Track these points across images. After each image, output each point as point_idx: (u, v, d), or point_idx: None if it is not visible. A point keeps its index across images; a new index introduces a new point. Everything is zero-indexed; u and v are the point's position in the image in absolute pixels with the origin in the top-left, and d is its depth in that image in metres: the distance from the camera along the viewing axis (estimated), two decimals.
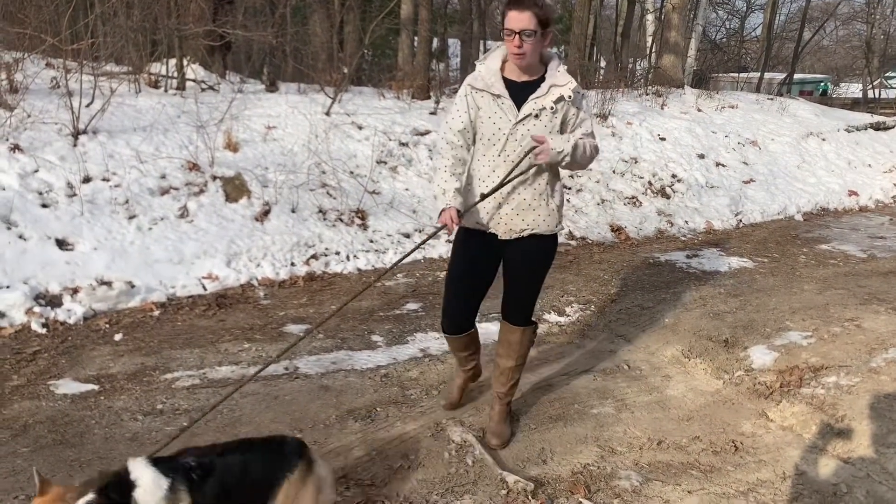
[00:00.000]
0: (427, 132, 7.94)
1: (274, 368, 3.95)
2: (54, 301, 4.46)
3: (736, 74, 20.86)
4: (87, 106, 6.13)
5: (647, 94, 11.53)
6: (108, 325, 4.36)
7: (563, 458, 3.23)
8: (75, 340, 4.15)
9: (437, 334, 4.56)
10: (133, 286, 4.71)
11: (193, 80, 8.10)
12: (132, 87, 7.35)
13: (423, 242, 3.27)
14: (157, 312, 4.58)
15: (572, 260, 6.35)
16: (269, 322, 4.61)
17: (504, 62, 2.94)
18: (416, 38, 11.19)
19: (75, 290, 4.56)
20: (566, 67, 2.93)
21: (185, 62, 8.16)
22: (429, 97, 9.43)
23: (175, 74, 7.95)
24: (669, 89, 12.02)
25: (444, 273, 5.63)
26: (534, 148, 2.83)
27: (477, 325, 3.36)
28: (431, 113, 8.60)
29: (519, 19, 2.72)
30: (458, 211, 2.84)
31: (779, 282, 5.94)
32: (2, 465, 2.92)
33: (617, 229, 7.24)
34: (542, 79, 2.90)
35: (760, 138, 10.52)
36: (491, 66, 2.91)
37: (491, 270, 3.16)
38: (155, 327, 4.40)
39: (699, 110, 11.07)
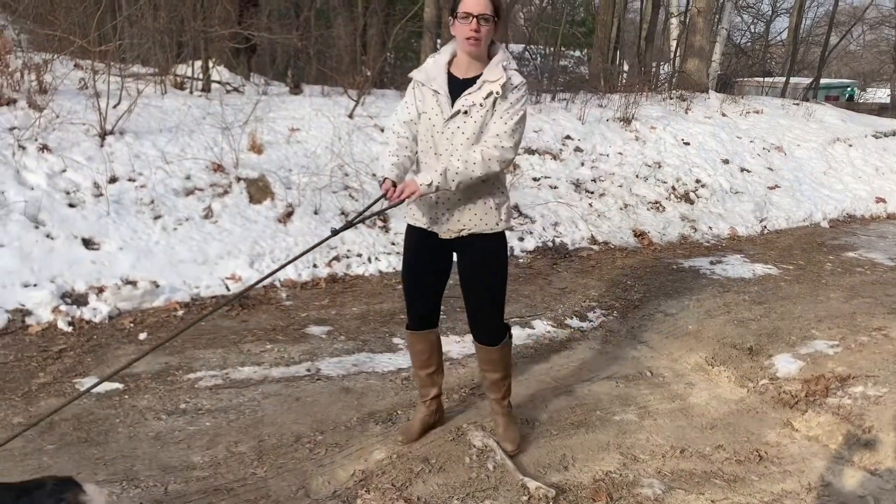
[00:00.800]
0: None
1: (296, 370, 3.97)
2: (80, 300, 4.52)
3: (761, 79, 20.68)
4: (115, 107, 6.20)
5: (671, 99, 11.46)
6: (132, 325, 4.40)
7: (585, 465, 3.20)
8: (100, 339, 4.20)
9: (458, 337, 4.56)
10: (158, 286, 4.76)
11: (218, 82, 8.17)
12: (158, 88, 7.42)
13: (361, 217, 3.12)
14: (181, 312, 4.62)
15: (595, 265, 6.32)
16: (291, 323, 4.63)
17: (453, 58, 2.87)
18: (438, 41, 11.21)
19: (101, 289, 4.61)
20: (509, 63, 2.82)
21: (210, 64, 8.23)
22: None
23: (200, 76, 8.02)
24: (694, 94, 11.94)
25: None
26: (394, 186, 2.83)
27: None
28: None
29: (478, 3, 2.69)
30: (394, 182, 2.82)
31: (804, 289, 5.86)
32: (28, 461, 2.96)
33: (640, 234, 7.19)
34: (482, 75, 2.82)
35: (786, 144, 10.41)
36: (439, 61, 2.87)
37: (440, 267, 3.08)
38: (179, 327, 4.44)
39: (724, 115, 10.97)
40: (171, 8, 8.71)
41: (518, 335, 4.66)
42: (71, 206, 5.21)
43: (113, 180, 5.57)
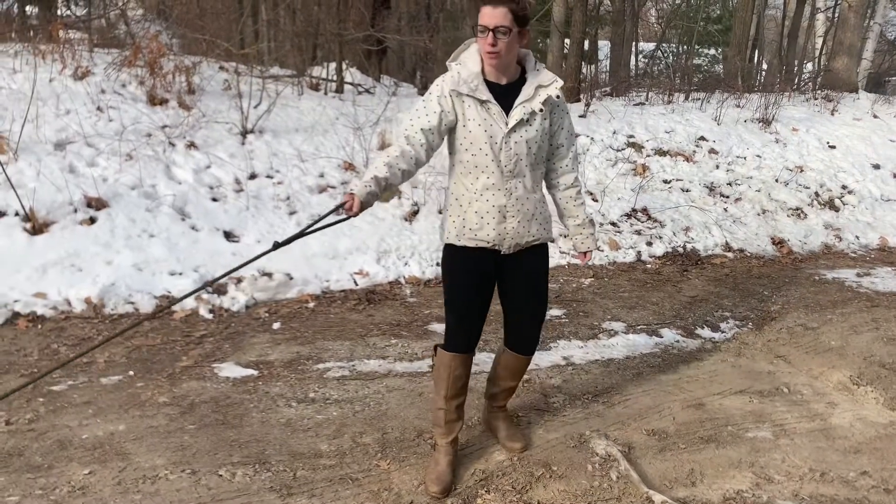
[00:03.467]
0: (577, 135, 7.85)
1: (418, 365, 4.03)
2: (220, 289, 4.78)
3: None
4: (255, 107, 6.53)
5: (816, 99, 10.78)
6: (267, 314, 4.61)
7: (714, 482, 3.06)
8: (237, 327, 4.42)
9: (581, 343, 4.47)
10: (291, 278, 4.96)
11: (351, 84, 8.43)
12: (295, 89, 7.75)
13: (319, 221, 2.92)
14: (312, 304, 4.80)
15: (728, 273, 6.03)
16: (414, 319, 4.70)
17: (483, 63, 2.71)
18: (566, 41, 11.07)
19: (239, 280, 4.86)
20: (544, 65, 2.74)
21: (344, 66, 8.50)
22: (579, 100, 9.30)
23: (335, 78, 8.31)
24: (841, 94, 11.17)
25: (586, 280, 5.54)
26: None
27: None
28: (581, 116, 8.47)
29: (493, 15, 2.53)
30: (361, 203, 2.65)
31: None
32: (171, 439, 3.15)
33: (779, 242, 6.80)
34: (523, 80, 2.71)
35: None
36: (472, 69, 2.67)
37: (492, 287, 2.92)
38: (310, 318, 4.61)
39: (875, 117, 10.20)
40: (308, 12, 9.09)
41: (645, 343, 4.53)
42: (214, 200, 5.53)
43: (252, 177, 5.86)
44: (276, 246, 2.86)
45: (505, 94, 2.69)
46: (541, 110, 2.70)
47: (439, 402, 3.00)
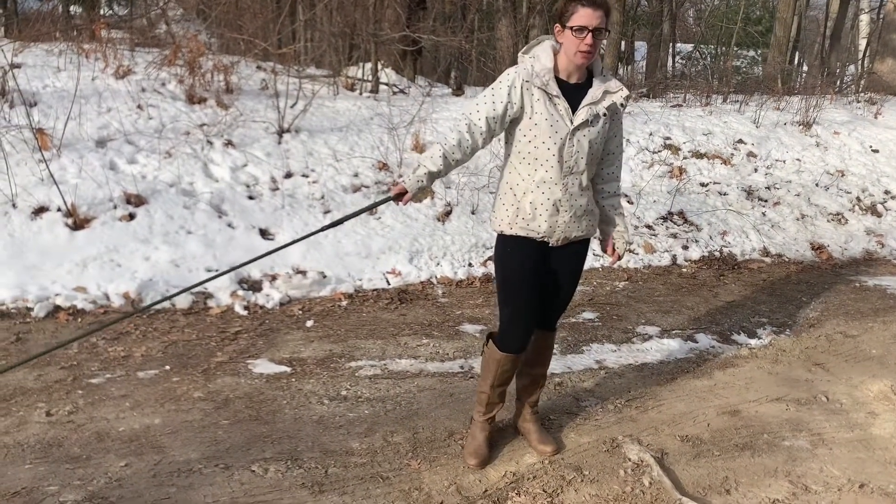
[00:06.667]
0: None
1: (450, 366, 4.03)
2: (255, 286, 4.83)
3: None
4: (292, 106, 6.59)
5: (859, 102, 10.55)
6: (301, 312, 4.65)
7: (749, 490, 3.01)
8: (272, 324, 4.46)
9: (615, 346, 4.43)
10: (325, 276, 5.00)
11: (386, 84, 8.46)
12: (331, 89, 7.80)
13: (368, 209, 3.07)
14: (345, 302, 4.83)
15: (766, 278, 5.93)
16: (446, 320, 4.70)
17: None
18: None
19: (274, 277, 4.91)
20: (611, 72, 2.79)
21: (379, 66, 8.54)
22: None
23: (370, 78, 8.34)
24: (885, 97, 10.91)
25: (620, 283, 5.49)
26: None
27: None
28: None
29: (594, 16, 2.62)
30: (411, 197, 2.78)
31: None
32: (205, 433, 3.19)
33: (818, 248, 6.67)
34: (590, 82, 2.80)
35: None
36: (545, 64, 2.73)
37: (540, 279, 2.98)
38: (342, 316, 4.64)
39: None
40: (345, 13, 9.14)
41: (679, 348, 4.47)
42: (250, 198, 5.59)
43: (288, 175, 5.92)
44: (326, 227, 3.00)
45: (572, 93, 2.76)
46: (604, 114, 2.79)
47: (484, 388, 3.15)
